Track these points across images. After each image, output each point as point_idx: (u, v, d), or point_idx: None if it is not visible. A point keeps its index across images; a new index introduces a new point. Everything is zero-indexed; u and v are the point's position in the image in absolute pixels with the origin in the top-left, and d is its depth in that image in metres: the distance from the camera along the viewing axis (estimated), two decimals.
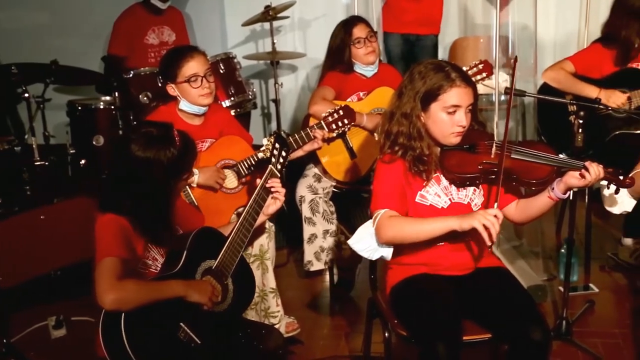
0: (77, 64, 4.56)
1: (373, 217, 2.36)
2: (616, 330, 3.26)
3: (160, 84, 3.18)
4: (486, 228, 2.18)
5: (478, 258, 2.50)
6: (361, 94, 3.68)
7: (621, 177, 2.36)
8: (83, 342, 2.50)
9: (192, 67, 3.03)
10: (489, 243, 2.22)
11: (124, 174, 2.23)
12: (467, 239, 2.44)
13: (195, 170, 2.93)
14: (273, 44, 4.88)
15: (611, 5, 3.76)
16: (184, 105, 3.06)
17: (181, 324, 2.15)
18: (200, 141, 3.09)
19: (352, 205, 3.75)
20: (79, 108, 4.56)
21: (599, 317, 3.39)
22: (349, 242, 2.44)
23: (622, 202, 2.50)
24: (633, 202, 2.49)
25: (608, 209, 2.53)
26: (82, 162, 4.44)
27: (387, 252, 2.40)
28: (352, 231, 3.87)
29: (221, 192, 3.06)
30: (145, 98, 4.44)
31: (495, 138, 2.51)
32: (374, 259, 2.43)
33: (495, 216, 2.20)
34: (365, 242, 2.38)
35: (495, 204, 2.28)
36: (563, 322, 3.14)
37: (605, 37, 3.76)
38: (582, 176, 2.31)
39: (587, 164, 2.32)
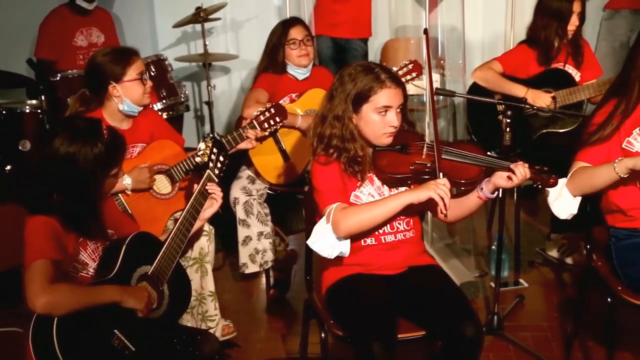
0: (1, 67, 4.42)
1: (326, 214, 2.34)
2: (545, 324, 3.36)
3: (89, 87, 3.08)
4: (440, 197, 2.23)
5: (412, 257, 2.53)
6: (293, 95, 3.68)
7: (545, 177, 2.41)
8: (11, 356, 2.44)
9: (140, 65, 3.02)
10: (445, 211, 2.24)
11: (49, 170, 2.18)
12: (401, 239, 2.47)
13: (126, 176, 2.88)
14: (205, 45, 4.84)
15: (534, 7, 3.88)
16: (125, 105, 2.99)
17: (115, 330, 2.11)
18: (130, 146, 3.03)
19: (287, 206, 3.76)
20: (4, 112, 4.40)
21: (529, 312, 3.49)
22: (308, 242, 2.38)
23: (569, 205, 2.56)
24: (577, 202, 2.55)
25: (557, 214, 2.59)
26: (8, 167, 4.30)
27: (346, 248, 2.35)
28: (287, 233, 3.89)
29: (155, 197, 3.02)
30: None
31: (427, 138, 2.55)
32: (332, 257, 2.37)
33: (445, 185, 2.24)
34: (323, 240, 2.33)
35: (441, 174, 2.31)
36: (495, 317, 3.21)
37: (529, 38, 3.88)
38: (510, 178, 2.37)
39: (512, 165, 2.35)
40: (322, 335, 2.49)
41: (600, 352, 3.00)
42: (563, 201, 2.56)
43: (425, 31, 2.49)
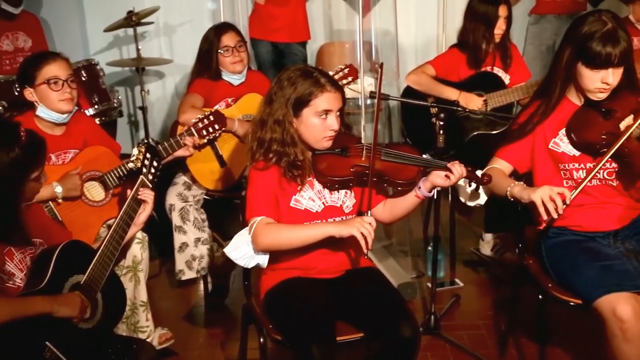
0: None
1: (249, 225, 2.35)
2: (480, 322, 3.42)
3: (17, 92, 3.02)
4: (363, 236, 2.23)
5: (351, 260, 2.55)
6: (229, 100, 3.66)
7: (480, 175, 2.48)
8: None
9: (53, 69, 2.91)
10: (365, 251, 2.26)
11: None
12: (340, 243, 2.48)
13: (54, 184, 2.80)
14: (138, 50, 4.75)
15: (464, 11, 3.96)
16: (41, 111, 2.91)
17: (47, 342, 2.05)
18: (62, 152, 2.97)
19: (224, 212, 3.73)
20: None
21: (465, 311, 3.55)
22: (225, 250, 2.42)
23: (476, 195, 2.65)
24: (485, 197, 2.64)
25: (462, 200, 2.67)
26: None
27: (263, 260, 2.40)
28: (225, 238, 3.87)
29: (88, 205, 2.95)
30: (0, 108, 4.21)
31: (364, 141, 2.57)
32: (250, 266, 2.42)
33: (370, 224, 2.25)
34: (241, 250, 2.37)
35: (369, 212, 2.34)
36: (432, 317, 3.26)
37: (460, 42, 3.96)
38: (447, 176, 2.41)
39: (449, 164, 2.41)
40: (261, 340, 2.48)
41: (533, 348, 3.07)
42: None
43: (381, 65, 2.53)
